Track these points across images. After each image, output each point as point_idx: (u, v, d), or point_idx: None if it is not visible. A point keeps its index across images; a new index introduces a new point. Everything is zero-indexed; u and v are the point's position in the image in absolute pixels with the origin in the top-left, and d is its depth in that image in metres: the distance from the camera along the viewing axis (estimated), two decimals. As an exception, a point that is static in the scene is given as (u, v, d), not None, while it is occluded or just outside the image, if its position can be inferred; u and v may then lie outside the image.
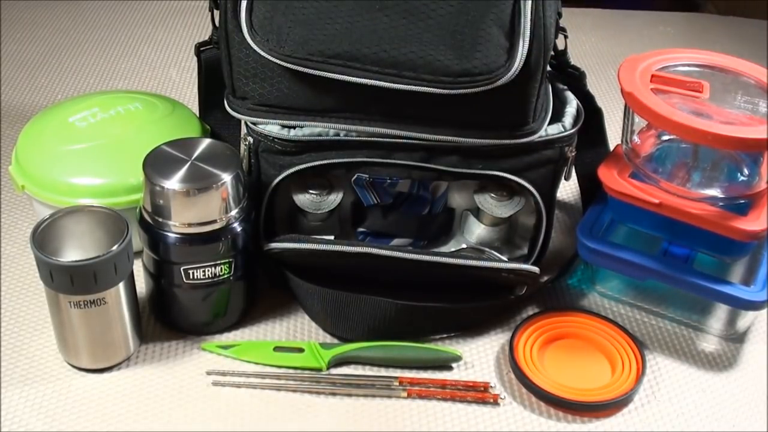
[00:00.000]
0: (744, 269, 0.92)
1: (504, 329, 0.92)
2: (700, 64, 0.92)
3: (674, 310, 0.94)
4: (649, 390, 0.86)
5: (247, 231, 0.85)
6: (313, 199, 0.89)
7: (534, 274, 0.89)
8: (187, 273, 0.83)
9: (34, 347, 0.87)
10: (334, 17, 0.81)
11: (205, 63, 0.95)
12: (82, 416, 0.80)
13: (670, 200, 0.85)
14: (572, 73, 0.94)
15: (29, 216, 1.04)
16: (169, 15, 1.54)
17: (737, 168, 0.89)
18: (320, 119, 0.85)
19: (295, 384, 0.84)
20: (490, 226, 0.94)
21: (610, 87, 1.34)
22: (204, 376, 0.85)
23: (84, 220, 0.83)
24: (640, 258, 0.88)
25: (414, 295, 0.87)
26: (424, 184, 0.89)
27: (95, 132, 0.96)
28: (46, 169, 0.93)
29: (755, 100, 0.88)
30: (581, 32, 1.54)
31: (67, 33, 1.46)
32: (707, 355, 0.91)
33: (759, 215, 0.85)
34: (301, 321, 0.92)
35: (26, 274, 0.96)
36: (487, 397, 0.84)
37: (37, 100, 1.27)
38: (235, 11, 0.83)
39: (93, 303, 0.79)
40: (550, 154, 0.87)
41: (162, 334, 0.89)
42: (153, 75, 1.35)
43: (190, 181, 0.80)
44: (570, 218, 1.08)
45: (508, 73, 0.79)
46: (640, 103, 0.84)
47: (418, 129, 0.84)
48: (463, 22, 0.80)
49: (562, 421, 0.82)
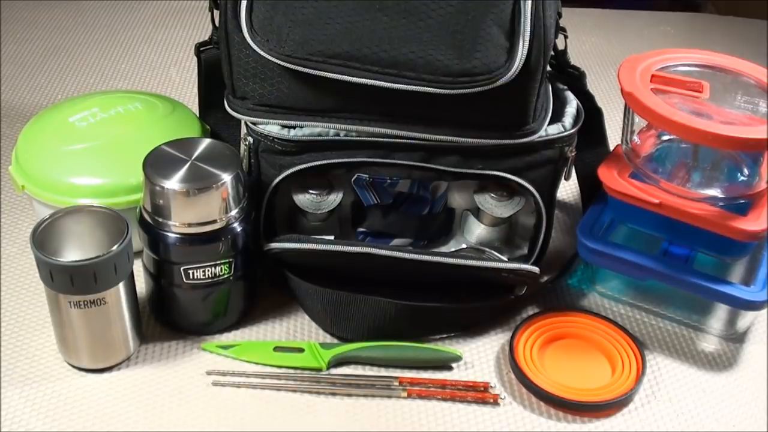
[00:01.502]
0: (744, 269, 0.92)
1: (504, 329, 0.92)
2: (700, 64, 0.92)
3: (674, 310, 0.94)
4: (649, 390, 0.86)
5: (247, 231, 0.85)
6: (313, 199, 0.89)
7: (534, 274, 0.89)
8: (187, 273, 0.83)
9: (34, 347, 0.87)
10: (334, 17, 0.81)
11: (205, 63, 0.95)
12: (82, 416, 0.80)
13: (670, 200, 0.85)
14: (572, 73, 0.94)
15: (29, 216, 1.04)
16: (169, 15, 1.54)
17: (737, 168, 0.89)
18: (320, 119, 0.85)
19: (295, 384, 0.84)
20: (490, 226, 0.94)
21: (610, 87, 1.34)
22: (204, 376, 0.85)
23: (84, 220, 0.83)
24: (640, 258, 0.88)
25: (414, 295, 0.87)
26: (424, 184, 0.89)
27: (95, 132, 0.96)
28: (46, 169, 0.93)
29: (755, 100, 0.88)
30: (581, 32, 1.54)
31: (67, 33, 1.46)
32: (707, 355, 0.91)
33: (759, 215, 0.85)
34: (301, 321, 0.92)
35: (26, 274, 0.96)
36: (487, 397, 0.84)
37: (37, 100, 1.27)
38: (235, 11, 0.83)
39: (93, 303, 0.79)
40: (550, 154, 0.87)
41: (162, 334, 0.89)
42: (153, 75, 1.35)
43: (190, 181, 0.80)
44: (570, 218, 1.08)
45: (508, 73, 0.79)
46: (640, 103, 0.84)
47: (418, 129, 0.84)
48: (463, 22, 0.80)
49: (562, 421, 0.82)
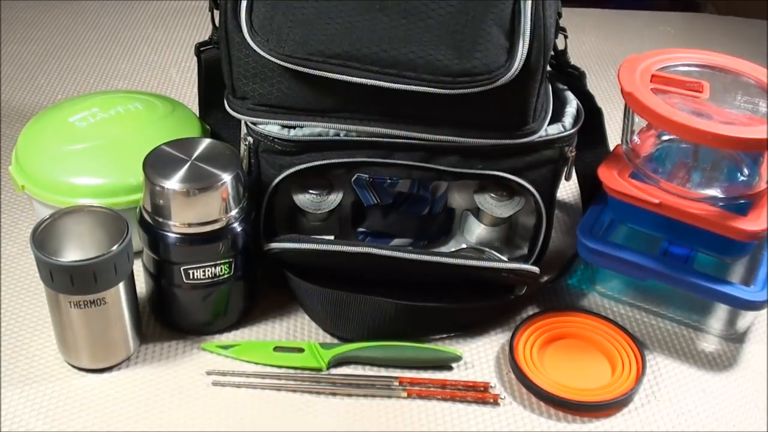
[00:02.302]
0: (744, 269, 0.92)
1: (504, 329, 0.92)
2: (700, 64, 0.92)
3: (674, 310, 0.94)
4: (649, 390, 0.86)
5: (247, 231, 0.84)
6: (313, 199, 0.89)
7: (534, 274, 0.89)
8: (187, 273, 0.83)
9: (34, 347, 0.87)
10: (334, 17, 0.80)
11: (205, 63, 0.95)
12: (82, 416, 0.80)
13: (670, 200, 0.85)
14: (572, 73, 0.94)
15: (29, 216, 1.04)
16: (169, 15, 1.54)
17: (737, 168, 0.89)
18: (320, 119, 0.85)
19: (295, 384, 0.84)
20: (490, 226, 0.93)
21: (610, 87, 1.34)
22: (204, 376, 0.85)
23: (84, 220, 0.83)
24: (640, 258, 0.88)
25: (414, 295, 0.87)
26: (424, 184, 0.89)
27: (95, 132, 0.96)
28: (46, 169, 0.93)
29: (755, 100, 0.88)
30: (581, 32, 1.54)
31: (67, 33, 1.46)
32: (707, 355, 0.91)
33: (759, 215, 0.85)
34: (301, 321, 0.92)
35: (26, 274, 0.96)
36: (487, 397, 0.84)
37: (37, 100, 1.27)
38: (235, 11, 0.83)
39: (93, 303, 0.79)
40: (550, 154, 0.87)
41: (162, 334, 0.89)
42: (153, 75, 1.35)
43: (190, 181, 0.80)
44: (570, 218, 1.08)
45: (508, 73, 0.79)
46: (640, 103, 0.84)
47: (418, 129, 0.84)
48: (463, 22, 0.80)
49: (562, 421, 0.82)
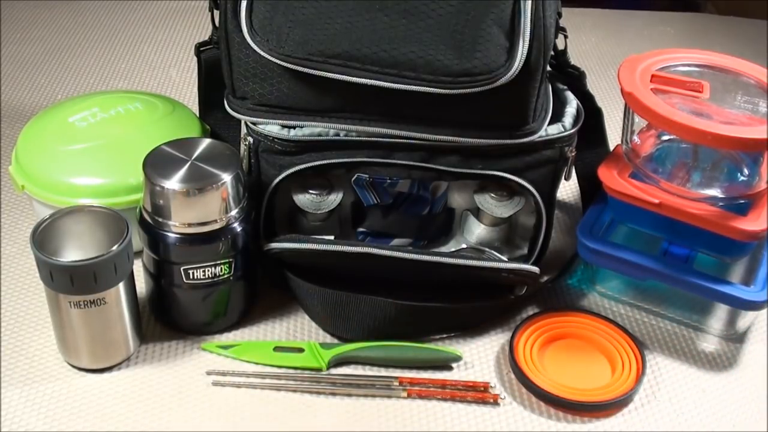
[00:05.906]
0: (744, 269, 0.92)
1: (504, 329, 0.92)
2: (700, 64, 0.92)
3: (674, 310, 0.94)
4: (649, 390, 0.86)
5: (247, 231, 0.84)
6: (313, 199, 0.89)
7: (534, 274, 0.89)
8: (187, 273, 0.83)
9: (34, 347, 0.87)
10: (334, 17, 0.81)
11: (205, 63, 0.95)
12: (82, 416, 0.80)
13: (670, 200, 0.85)
14: (572, 73, 0.94)
15: (29, 216, 1.04)
16: (169, 15, 1.54)
17: (737, 168, 0.89)
18: (320, 119, 0.85)
19: (295, 384, 0.84)
20: (490, 226, 0.93)
21: (610, 87, 1.34)
22: (204, 376, 0.85)
23: (84, 220, 0.83)
24: (640, 258, 0.88)
25: (414, 295, 0.87)
26: (424, 184, 0.89)
27: (95, 132, 0.96)
28: (46, 169, 0.93)
29: (755, 100, 0.88)
30: (581, 32, 1.54)
31: (67, 33, 1.46)
32: (707, 355, 0.91)
33: (759, 215, 0.85)
34: (301, 321, 0.92)
35: (26, 274, 0.96)
36: (487, 397, 0.84)
37: (37, 100, 1.27)
38: (235, 11, 0.83)
39: (93, 303, 0.79)
40: (550, 154, 0.87)
41: (162, 334, 0.89)
42: (153, 75, 1.35)
43: (190, 181, 0.80)
44: (570, 218, 1.08)
45: (508, 73, 0.79)
46: (640, 103, 0.84)
47: (418, 129, 0.84)
48: (463, 21, 0.80)
49: (562, 421, 0.82)
